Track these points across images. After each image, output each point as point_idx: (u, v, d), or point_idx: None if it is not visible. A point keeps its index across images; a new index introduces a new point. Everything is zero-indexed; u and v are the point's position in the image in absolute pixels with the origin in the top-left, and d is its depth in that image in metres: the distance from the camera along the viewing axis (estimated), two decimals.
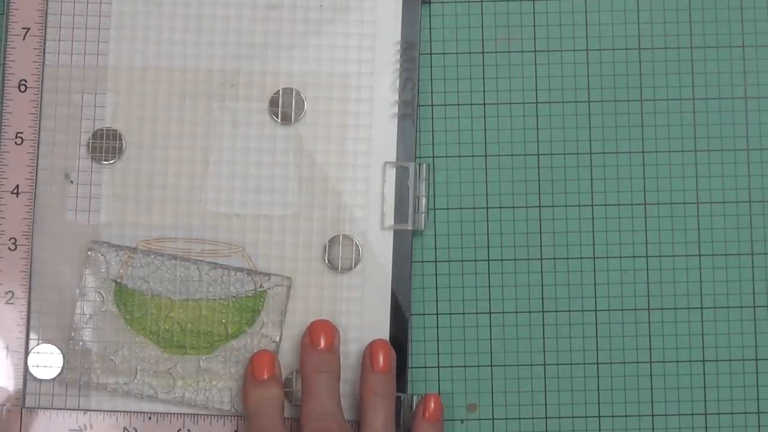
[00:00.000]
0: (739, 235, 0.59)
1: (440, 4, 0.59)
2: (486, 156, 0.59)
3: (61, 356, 0.57)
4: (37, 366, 0.57)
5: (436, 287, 0.59)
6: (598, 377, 0.58)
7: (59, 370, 0.57)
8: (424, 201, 0.58)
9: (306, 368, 0.55)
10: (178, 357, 0.57)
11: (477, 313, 0.59)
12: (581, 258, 0.59)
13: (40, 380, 0.57)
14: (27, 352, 0.57)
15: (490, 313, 0.59)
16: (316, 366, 0.55)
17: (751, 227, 0.59)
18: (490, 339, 0.59)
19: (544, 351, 0.58)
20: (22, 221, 0.57)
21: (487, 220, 0.59)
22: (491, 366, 0.58)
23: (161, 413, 0.57)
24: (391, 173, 0.58)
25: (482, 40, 0.59)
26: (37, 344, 0.57)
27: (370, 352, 0.55)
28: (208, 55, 0.58)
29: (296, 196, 0.58)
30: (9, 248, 0.57)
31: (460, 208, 0.59)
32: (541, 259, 0.59)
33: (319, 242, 0.57)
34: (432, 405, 0.56)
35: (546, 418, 0.58)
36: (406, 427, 0.57)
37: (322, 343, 0.55)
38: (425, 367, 0.58)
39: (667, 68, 0.59)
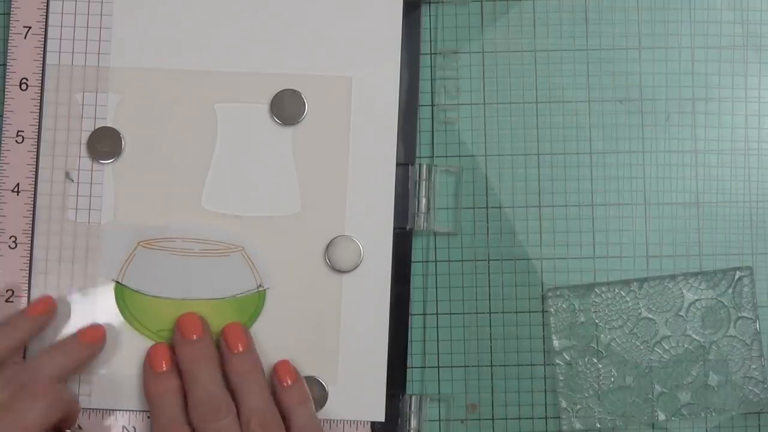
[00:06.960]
0: (739, 235, 0.59)
1: (440, 4, 0.59)
2: (486, 156, 0.59)
3: None
4: None
5: (436, 287, 0.59)
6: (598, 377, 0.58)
7: None
8: (424, 201, 0.58)
9: (184, 360, 0.55)
10: None
11: (477, 313, 0.58)
12: (581, 258, 0.59)
13: None
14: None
15: (490, 313, 0.58)
16: (194, 355, 0.55)
17: (751, 227, 0.59)
18: (490, 339, 0.58)
19: (544, 351, 0.58)
20: (23, 219, 0.57)
21: (487, 220, 0.59)
22: (491, 366, 0.58)
23: None
24: (392, 173, 0.58)
25: (482, 40, 0.59)
26: None
27: (224, 338, 0.55)
28: (209, 55, 0.58)
29: (297, 196, 0.58)
30: (9, 246, 0.57)
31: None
32: (542, 258, 0.59)
33: (320, 243, 0.57)
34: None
35: (546, 418, 0.58)
36: (407, 427, 0.57)
37: (194, 336, 0.55)
38: (425, 367, 0.58)
39: (667, 68, 0.59)
